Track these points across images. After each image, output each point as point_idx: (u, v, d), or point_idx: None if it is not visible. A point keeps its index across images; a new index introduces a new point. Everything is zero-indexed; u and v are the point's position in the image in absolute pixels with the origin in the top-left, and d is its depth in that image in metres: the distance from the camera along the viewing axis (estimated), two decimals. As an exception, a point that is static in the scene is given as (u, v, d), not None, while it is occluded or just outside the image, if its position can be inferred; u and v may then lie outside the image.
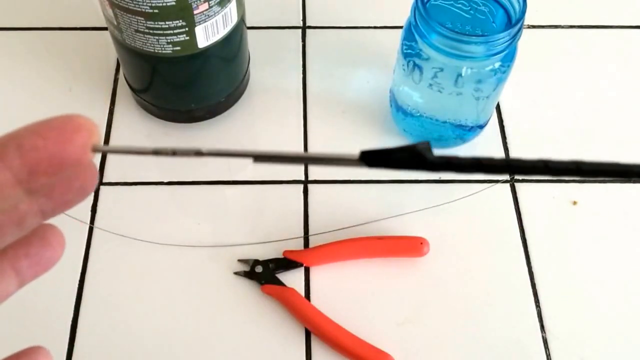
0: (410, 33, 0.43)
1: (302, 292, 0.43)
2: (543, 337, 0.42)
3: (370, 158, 0.17)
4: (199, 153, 0.18)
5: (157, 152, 0.18)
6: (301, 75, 0.54)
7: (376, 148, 0.17)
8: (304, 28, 0.58)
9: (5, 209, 0.17)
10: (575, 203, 0.48)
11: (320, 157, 0.18)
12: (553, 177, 0.16)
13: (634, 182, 0.49)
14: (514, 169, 0.17)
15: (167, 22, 0.40)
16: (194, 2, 0.40)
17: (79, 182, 0.18)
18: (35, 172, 0.16)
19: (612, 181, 0.49)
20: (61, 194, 0.18)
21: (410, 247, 0.44)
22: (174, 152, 0.18)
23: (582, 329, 0.43)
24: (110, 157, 0.49)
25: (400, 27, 0.45)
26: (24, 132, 0.16)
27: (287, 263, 0.44)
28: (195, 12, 0.40)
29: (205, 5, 0.40)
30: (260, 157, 0.18)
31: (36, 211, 0.18)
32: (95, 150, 0.17)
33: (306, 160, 0.18)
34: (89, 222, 0.46)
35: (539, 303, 0.44)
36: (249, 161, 0.18)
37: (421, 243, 0.44)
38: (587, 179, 0.48)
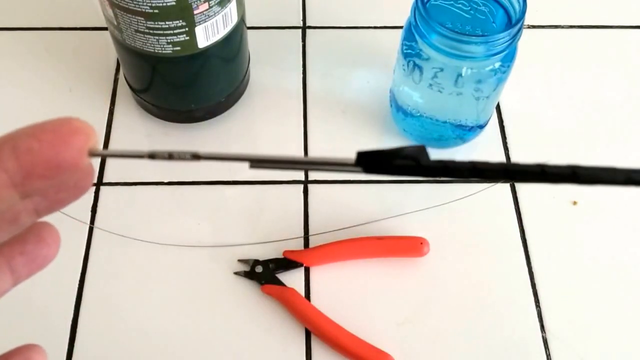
0: (410, 33, 0.43)
1: (302, 292, 0.43)
2: (543, 337, 0.42)
3: (367, 163, 0.17)
4: (195, 156, 0.17)
5: (153, 156, 0.17)
6: (301, 75, 0.54)
7: (372, 149, 0.17)
8: (304, 28, 0.58)
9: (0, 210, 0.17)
10: (575, 203, 0.48)
11: (317, 162, 0.18)
12: (551, 184, 0.16)
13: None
14: (510, 173, 0.16)
15: (167, 22, 0.40)
16: (194, 2, 0.40)
17: (74, 181, 0.18)
18: (30, 176, 0.16)
19: (612, 181, 0.49)
20: (56, 192, 0.18)
21: (410, 247, 0.44)
22: (170, 156, 0.17)
23: (582, 329, 0.43)
24: (110, 158, 0.49)
25: (400, 27, 0.45)
26: (20, 134, 0.16)
27: (287, 263, 0.44)
28: (195, 12, 0.40)
29: (205, 5, 0.40)
30: (257, 162, 0.18)
31: (31, 210, 0.18)
32: (92, 154, 0.17)
33: (303, 164, 0.18)
34: (89, 222, 0.46)
35: (539, 303, 0.44)
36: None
37: (421, 243, 0.44)
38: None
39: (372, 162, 0.17)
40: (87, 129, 0.17)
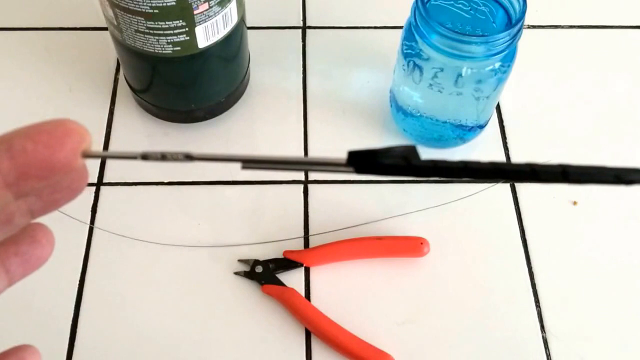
0: (410, 33, 0.43)
1: (302, 292, 0.43)
2: (543, 337, 0.42)
3: (358, 163, 0.17)
4: (188, 157, 0.17)
5: (145, 157, 0.18)
6: (301, 75, 0.54)
7: (363, 149, 0.17)
8: (304, 28, 0.58)
9: None
10: (575, 203, 0.48)
11: (309, 162, 0.18)
12: (542, 183, 0.16)
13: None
14: (501, 172, 0.16)
15: (167, 22, 0.40)
16: (194, 2, 0.40)
17: (68, 182, 0.18)
18: (25, 176, 0.16)
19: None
20: (50, 193, 0.18)
21: (410, 247, 0.44)
22: (163, 157, 0.18)
23: (582, 329, 0.43)
24: (106, 158, 0.49)
25: (400, 27, 0.45)
26: (15, 134, 0.16)
27: (287, 263, 0.44)
28: (195, 12, 0.40)
29: (206, 6, 0.40)
30: (249, 162, 0.18)
31: (25, 210, 0.18)
32: (85, 155, 0.17)
33: (295, 164, 0.18)
34: (89, 222, 0.46)
35: (539, 303, 0.44)
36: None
37: (421, 243, 0.44)
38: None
39: (363, 162, 0.17)
40: (81, 131, 0.17)
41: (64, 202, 0.18)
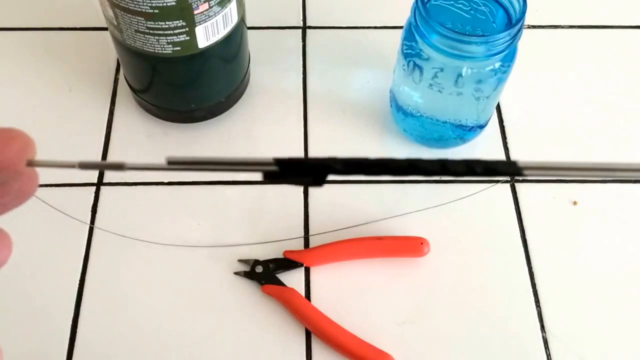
0: (410, 33, 0.43)
1: (302, 292, 0.43)
2: (543, 337, 0.42)
3: (283, 163, 0.18)
4: (121, 167, 0.19)
5: (83, 166, 0.19)
6: (301, 75, 0.54)
7: (290, 157, 0.18)
8: (304, 28, 0.58)
9: None
10: (575, 203, 0.48)
11: (236, 162, 0.19)
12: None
13: (632, 182, 0.49)
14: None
15: (167, 22, 0.40)
16: (194, 2, 0.40)
17: (17, 184, 0.18)
18: None
19: (612, 181, 0.49)
20: None
21: (410, 247, 0.44)
22: (97, 166, 0.20)
23: (582, 329, 0.43)
24: (111, 156, 0.49)
25: (400, 27, 0.45)
26: None
27: (287, 263, 0.44)
28: (195, 12, 0.40)
29: (206, 6, 0.40)
30: (175, 164, 0.19)
31: None
32: (29, 164, 0.18)
33: (222, 165, 0.19)
34: (89, 222, 0.46)
35: (539, 303, 0.44)
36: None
37: (421, 243, 0.44)
38: (588, 179, 0.48)
39: (288, 163, 0.18)
40: (25, 138, 0.18)
41: (13, 204, 0.19)
